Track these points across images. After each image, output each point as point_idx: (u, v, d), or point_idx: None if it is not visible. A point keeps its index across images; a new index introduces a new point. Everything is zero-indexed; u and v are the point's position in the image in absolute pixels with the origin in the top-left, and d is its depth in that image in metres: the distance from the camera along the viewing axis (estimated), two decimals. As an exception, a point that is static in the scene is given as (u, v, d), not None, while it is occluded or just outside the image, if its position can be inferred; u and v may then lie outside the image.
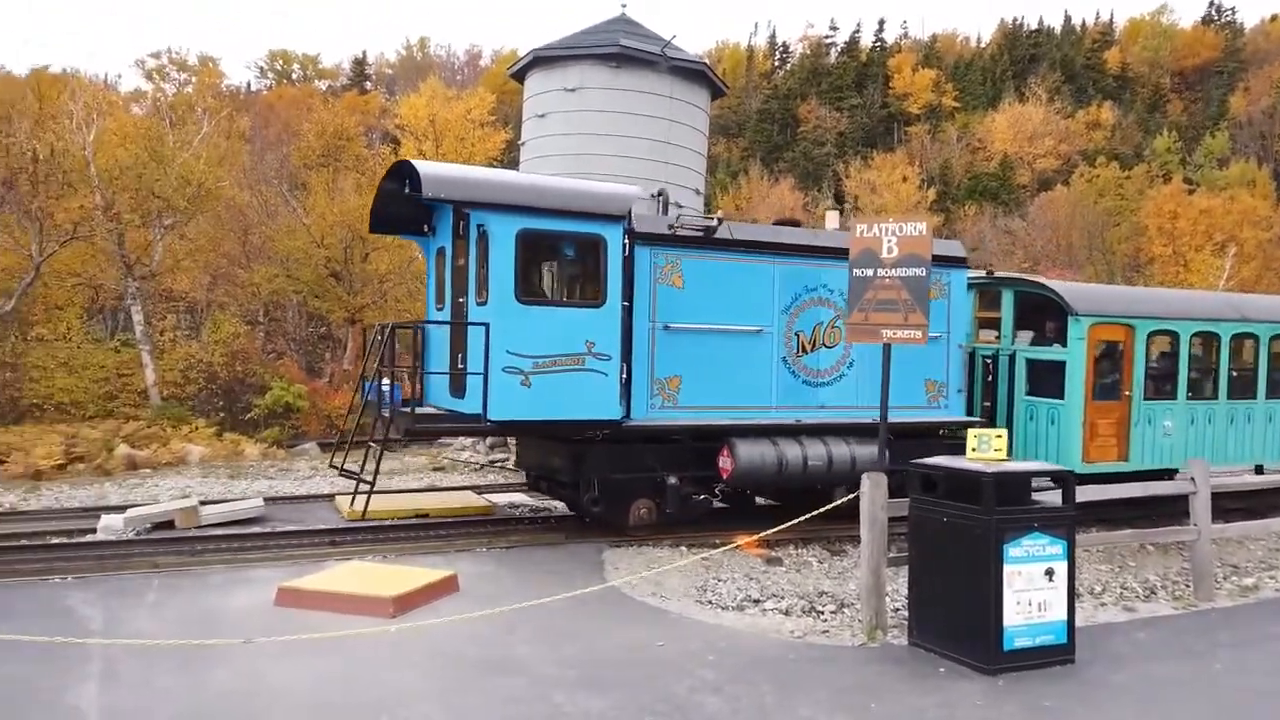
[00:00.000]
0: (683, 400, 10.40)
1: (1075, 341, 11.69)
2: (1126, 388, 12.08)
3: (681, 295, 10.37)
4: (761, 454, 10.38)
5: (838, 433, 10.97)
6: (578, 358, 9.63)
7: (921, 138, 66.69)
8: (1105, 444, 12.00)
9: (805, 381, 11.13)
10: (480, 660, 6.39)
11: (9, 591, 7.88)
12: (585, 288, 10.27)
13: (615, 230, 9.85)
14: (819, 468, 10.66)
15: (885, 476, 7.39)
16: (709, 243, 10.59)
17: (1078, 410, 11.73)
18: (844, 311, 11.29)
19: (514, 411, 9.46)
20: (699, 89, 20.73)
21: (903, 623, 7.30)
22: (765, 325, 10.85)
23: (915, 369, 11.48)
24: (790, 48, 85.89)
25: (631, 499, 10.35)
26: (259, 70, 69.77)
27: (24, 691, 5.68)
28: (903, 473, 11.13)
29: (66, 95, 23.68)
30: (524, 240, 9.52)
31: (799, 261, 11.08)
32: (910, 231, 8.10)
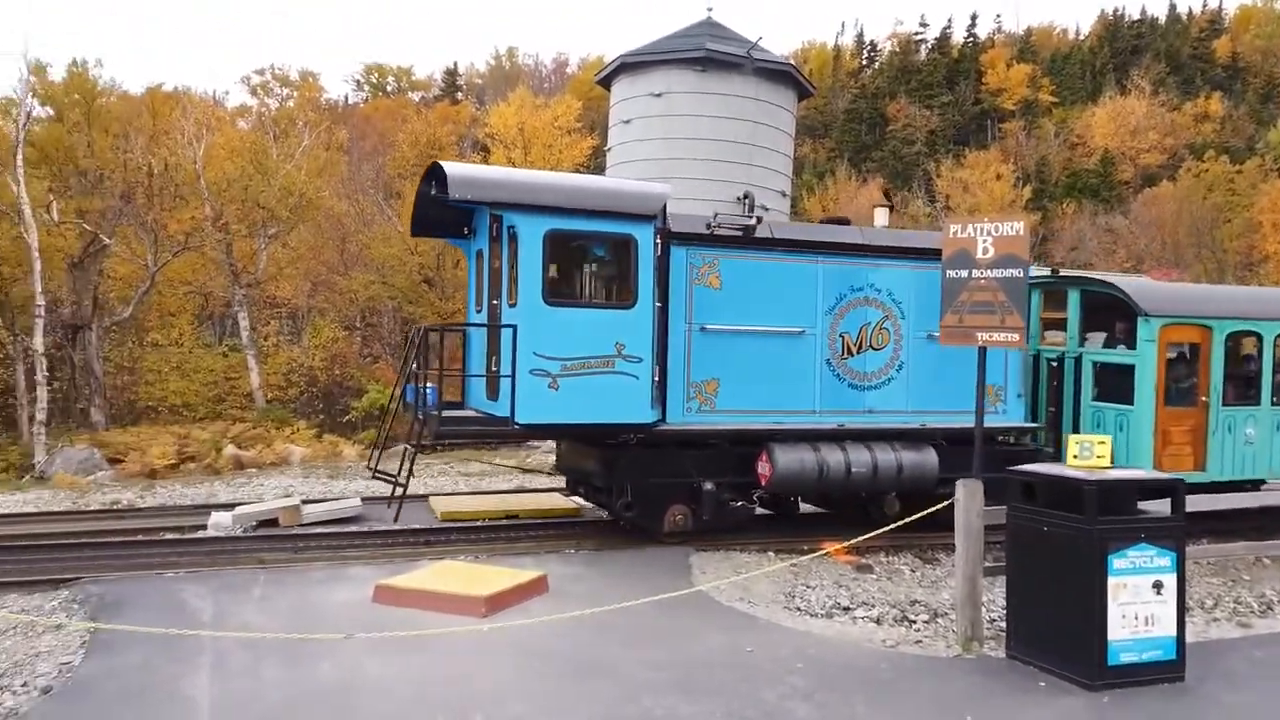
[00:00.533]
0: (720, 404, 10.17)
1: (1145, 344, 11.00)
2: (1203, 393, 11.33)
3: (719, 296, 10.16)
4: (801, 460, 10.09)
5: (884, 438, 10.60)
6: (608, 360, 9.44)
7: (1016, 134, 64.66)
8: (1179, 453, 11.26)
9: (851, 385, 10.76)
10: (570, 661, 6.47)
11: (129, 584, 8.32)
12: (616, 289, 10.03)
13: (646, 230, 9.62)
14: (863, 475, 10.31)
15: (980, 484, 7.20)
16: (748, 242, 10.35)
17: (1148, 417, 11.04)
18: (893, 312, 10.99)
19: (542, 414, 9.30)
20: (785, 90, 20.57)
21: (1000, 634, 7.11)
22: (808, 327, 10.54)
23: (970, 371, 11.05)
24: (878, 46, 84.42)
25: (666, 505, 10.13)
26: (355, 83, 72.08)
27: (144, 679, 6.00)
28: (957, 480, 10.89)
29: (179, 112, 24.90)
30: (552, 241, 9.39)
31: (844, 261, 10.73)
32: (1006, 231, 7.86)
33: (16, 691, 5.90)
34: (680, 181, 19.24)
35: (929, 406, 10.94)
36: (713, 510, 10.15)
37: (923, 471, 10.56)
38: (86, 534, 10.68)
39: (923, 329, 10.91)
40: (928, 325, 10.78)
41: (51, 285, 21.64)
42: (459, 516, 11.52)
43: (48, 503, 14.34)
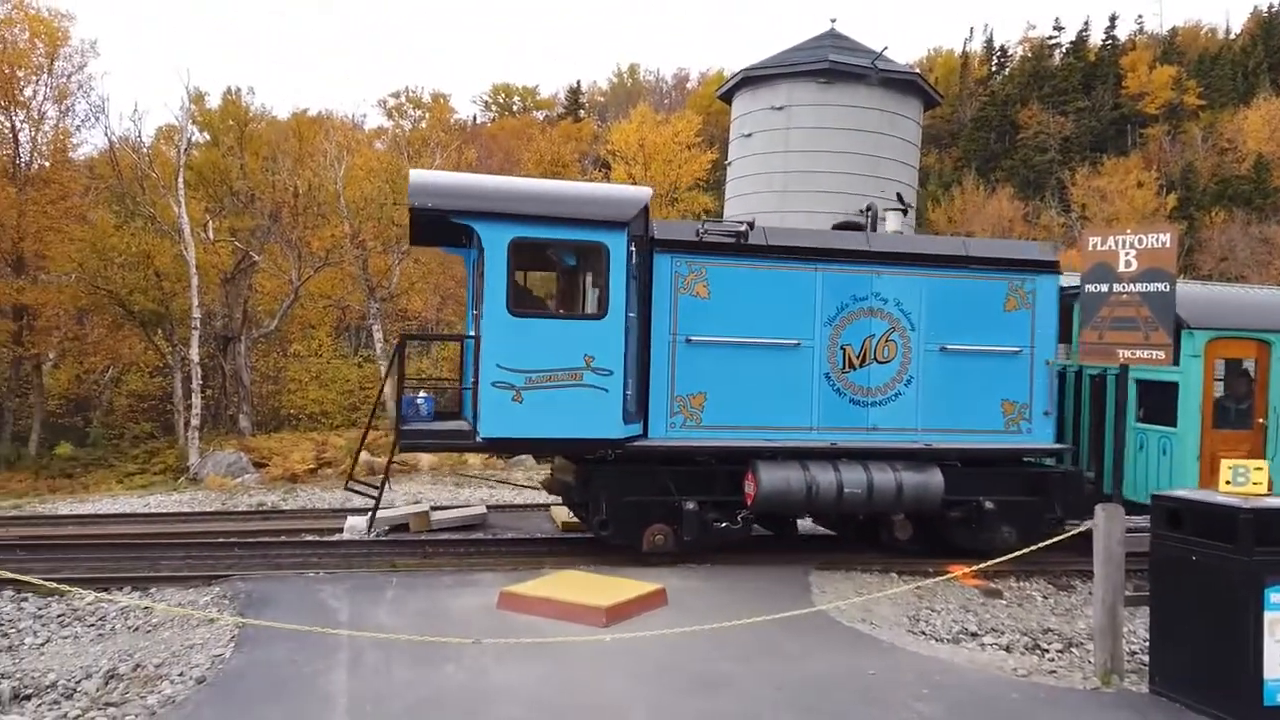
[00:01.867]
0: (707, 419, 9.76)
1: (1189, 359, 10.05)
2: (1260, 414, 10.29)
3: (707, 306, 9.73)
4: (787, 479, 9.59)
5: (884, 457, 10.01)
6: (575, 373, 9.07)
7: (1159, 139, 61.26)
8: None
9: (853, 400, 10.17)
10: (689, 674, 6.48)
11: (274, 582, 8.82)
12: (585, 299, 9.76)
13: (618, 237, 9.19)
14: (857, 495, 9.73)
15: (1120, 509, 6.86)
16: (740, 249, 9.89)
17: (1192, 440, 10.08)
18: (901, 323, 10.25)
19: (505, 428, 9.00)
20: (910, 100, 20.17)
21: (1141, 667, 6.74)
22: (805, 338, 10.02)
23: (989, 388, 10.40)
24: (1009, 51, 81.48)
25: (646, 524, 9.72)
26: (483, 104, 74.42)
27: (287, 674, 6.34)
28: (973, 503, 10.24)
29: (322, 136, 26.34)
30: (518, 249, 9.08)
31: (847, 268, 10.15)
32: (1152, 243, 7.49)
33: (174, 680, 6.34)
34: (802, 195, 19.13)
35: (942, 424, 10.34)
36: (695, 531, 9.72)
37: (926, 493, 9.91)
38: (235, 533, 11.37)
39: (935, 341, 10.33)
40: (941, 337, 10.31)
41: (206, 299, 23.21)
42: (579, 527, 11.71)
43: (200, 503, 15.36)
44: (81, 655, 7.08)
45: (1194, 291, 12.55)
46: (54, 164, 28.80)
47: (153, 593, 8.65)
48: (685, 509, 9.70)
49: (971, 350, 10.36)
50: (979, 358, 10.36)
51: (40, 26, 28.45)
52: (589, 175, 40.68)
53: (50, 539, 11.00)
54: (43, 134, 28.75)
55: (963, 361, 10.32)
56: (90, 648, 7.32)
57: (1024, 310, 10.52)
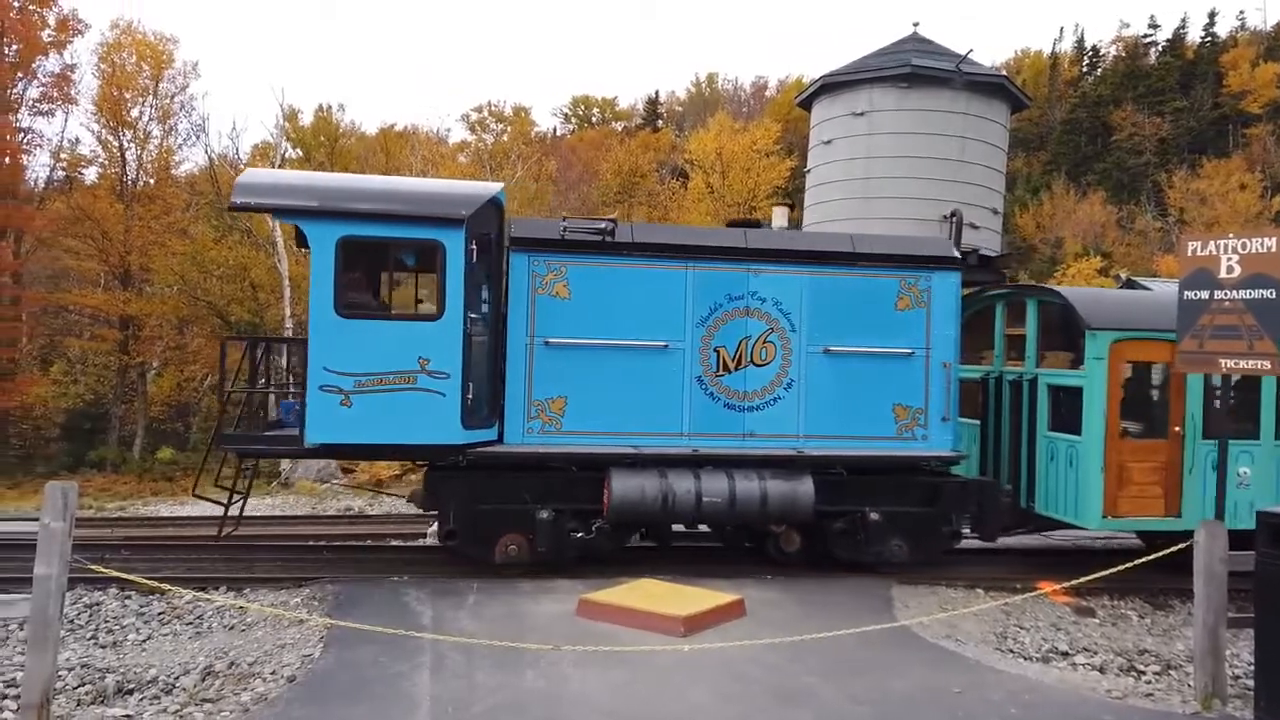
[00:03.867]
0: (568, 424, 9.42)
1: (1093, 362, 9.44)
2: (1176, 422, 9.57)
3: (567, 307, 9.41)
4: (641, 487, 9.20)
5: (762, 465, 9.54)
6: (408, 376, 8.72)
7: (1263, 139, 58.44)
8: (1144, 493, 9.54)
9: (727, 405, 9.73)
10: (769, 687, 6.42)
11: (361, 585, 9.06)
12: (420, 299, 9.29)
13: (455, 235, 8.81)
14: (717, 505, 9.30)
15: (1222, 525, 6.55)
16: (604, 248, 9.51)
17: (1096, 449, 9.42)
18: (780, 323, 9.82)
19: (333, 434, 8.70)
20: (997, 103, 19.65)
21: (1245, 692, 6.42)
22: (674, 340, 9.61)
23: (880, 392, 9.90)
24: (1101, 51, 78.83)
25: (499, 533, 9.36)
26: (563, 116, 75.37)
27: (372, 674, 6.50)
28: (858, 515, 9.64)
29: (408, 150, 27.04)
30: (346, 248, 8.74)
31: (720, 266, 9.70)
32: (1257, 247, 7.14)
33: (266, 679, 6.56)
34: (884, 201, 18.82)
35: (827, 430, 9.87)
36: (550, 541, 9.31)
37: (793, 504, 9.46)
38: (324, 537, 11.71)
39: (818, 343, 9.87)
40: (825, 338, 9.87)
41: (297, 309, 24.01)
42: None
43: (291, 506, 15.89)
44: (180, 652, 7.38)
45: (1101, 292, 11.74)
46: (158, 181, 30.29)
47: (246, 593, 8.98)
48: (539, 518, 9.28)
49: (859, 352, 9.90)
50: (867, 360, 9.90)
51: (147, 50, 29.99)
52: (666, 185, 40.80)
53: (152, 540, 11.51)
54: (148, 153, 30.26)
55: (849, 364, 9.88)
56: (188, 645, 7.63)
57: (918, 310, 10.00)
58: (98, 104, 30.20)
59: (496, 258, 9.49)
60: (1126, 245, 49.92)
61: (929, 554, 10.07)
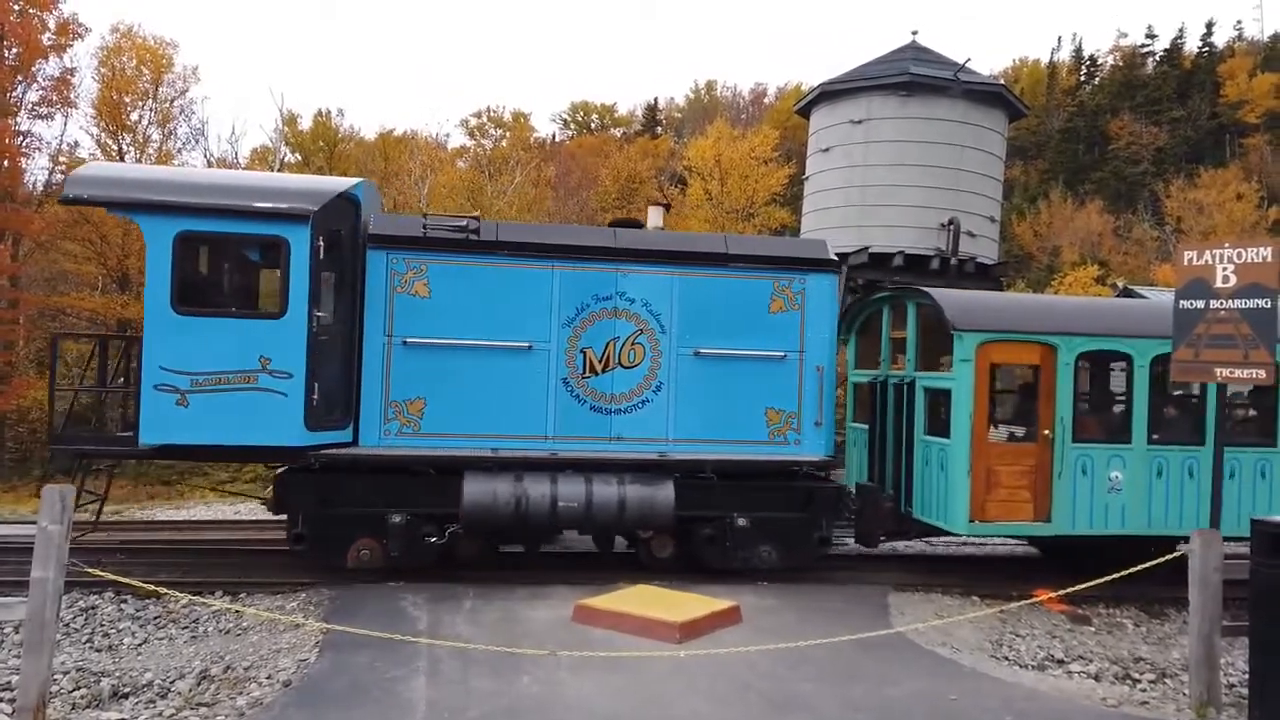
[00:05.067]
0: (427, 426, 9.26)
1: (960, 364, 9.33)
2: (1046, 425, 9.46)
3: (427, 306, 9.25)
4: (494, 492, 9.04)
5: (619, 469, 9.35)
6: (249, 375, 8.51)
7: (1260, 149, 58.67)
8: (1012, 498, 9.44)
9: (594, 408, 9.59)
10: (765, 694, 6.43)
11: (356, 590, 9.04)
12: (263, 296, 9.12)
13: (300, 231, 8.62)
14: (573, 510, 9.14)
15: (1218, 533, 6.57)
16: (466, 246, 9.36)
17: (963, 452, 9.32)
18: (650, 325, 9.65)
19: (169, 434, 8.47)
20: (995, 112, 19.76)
21: (1240, 701, 6.44)
22: (539, 341, 9.47)
23: (752, 395, 9.76)
24: (1099, 60, 79.09)
25: (351, 538, 9.17)
26: (562, 122, 75.50)
27: (368, 679, 6.50)
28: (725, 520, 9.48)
29: (406, 155, 27.11)
30: (185, 243, 8.56)
31: (588, 266, 9.57)
32: (1252, 257, 7.18)
33: (262, 683, 6.55)
34: (882, 209, 18.88)
35: (697, 434, 9.74)
36: (401, 546, 9.12)
37: (652, 509, 9.31)
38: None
39: (689, 345, 9.74)
40: (696, 340, 9.74)
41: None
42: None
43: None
44: (175, 656, 7.38)
45: (970, 294, 11.57)
46: (156, 185, 30.21)
47: (243, 597, 8.97)
48: (392, 522, 9.09)
49: (730, 354, 9.77)
50: (739, 363, 9.77)
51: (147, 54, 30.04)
52: (665, 191, 40.87)
53: (148, 544, 11.48)
54: (147, 157, 30.28)
55: (721, 367, 9.75)
56: (184, 649, 7.62)
57: (792, 312, 9.86)
58: (97, 108, 30.25)
59: (352, 255, 9.30)
60: (1124, 254, 50.06)
61: (799, 560, 9.91)
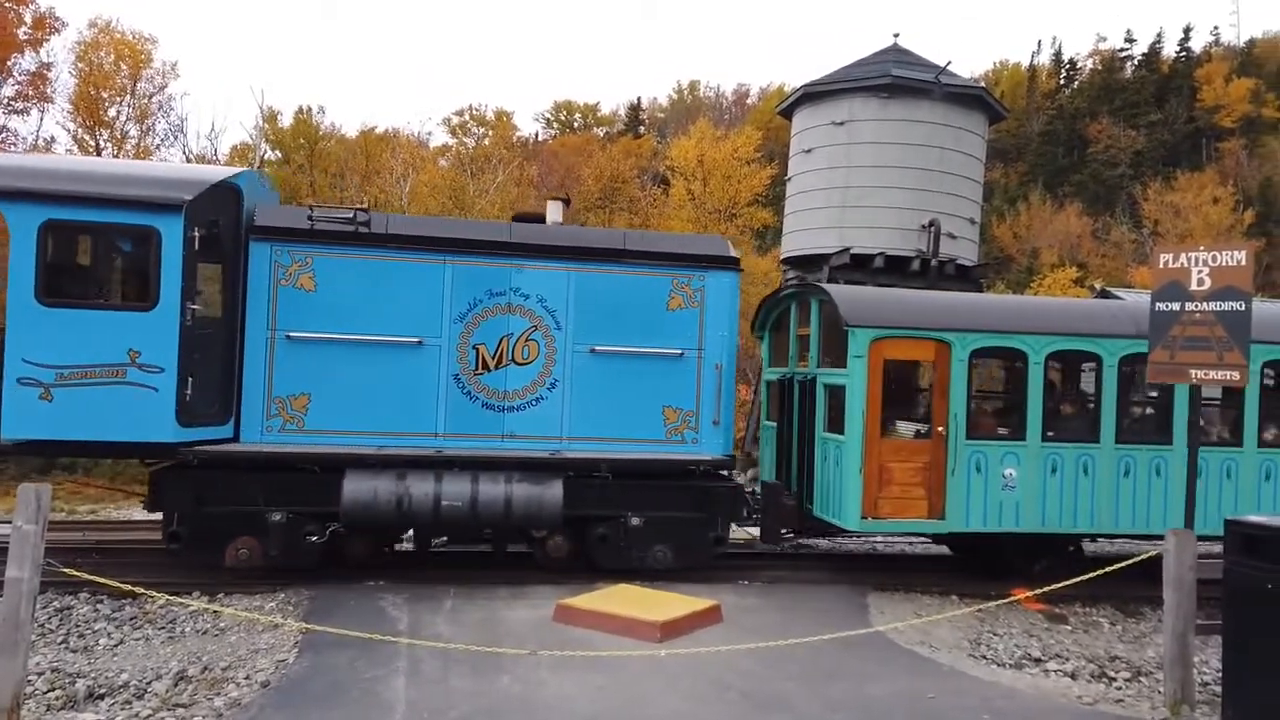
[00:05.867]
0: (311, 423, 9.09)
1: (854, 360, 9.30)
2: (940, 422, 9.45)
3: (313, 299, 9.08)
4: (375, 490, 8.86)
5: (511, 468, 9.22)
6: (117, 369, 8.28)
7: (1236, 154, 59.39)
8: (906, 494, 9.43)
9: (486, 405, 9.47)
10: (745, 693, 6.45)
11: (336, 590, 8.99)
12: (133, 287, 8.85)
13: (172, 221, 8.41)
14: (458, 510, 8.97)
15: (1192, 533, 6.64)
16: (355, 238, 9.20)
17: (856, 449, 9.30)
18: (544, 321, 9.55)
19: (31, 430, 8.23)
20: (975, 114, 19.90)
21: (1213, 698, 6.51)
22: (429, 336, 9.34)
23: (649, 393, 9.68)
24: (1078, 64, 79.78)
25: (229, 537, 8.92)
26: (545, 121, 75.35)
27: (347, 679, 6.47)
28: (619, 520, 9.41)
29: (388, 153, 26.98)
30: (51, 232, 8.35)
31: (481, 261, 9.44)
32: (1227, 260, 7.27)
33: (240, 684, 6.50)
34: (863, 210, 18.98)
35: (592, 432, 9.65)
36: (281, 545, 8.93)
37: (540, 508, 9.16)
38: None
39: (584, 342, 9.65)
40: (592, 338, 9.65)
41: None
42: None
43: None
44: (152, 657, 7.31)
45: (865, 290, 11.58)
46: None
47: (220, 597, 8.89)
48: (271, 521, 8.89)
49: (627, 352, 9.68)
50: (636, 360, 9.68)
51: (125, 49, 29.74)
52: (648, 191, 40.88)
53: (125, 544, 11.37)
54: (125, 153, 29.99)
55: (617, 364, 9.67)
56: (161, 649, 7.55)
57: (691, 309, 9.78)
58: (74, 103, 29.94)
59: (234, 247, 9.12)
60: (1102, 256, 50.55)
61: (695, 560, 9.77)
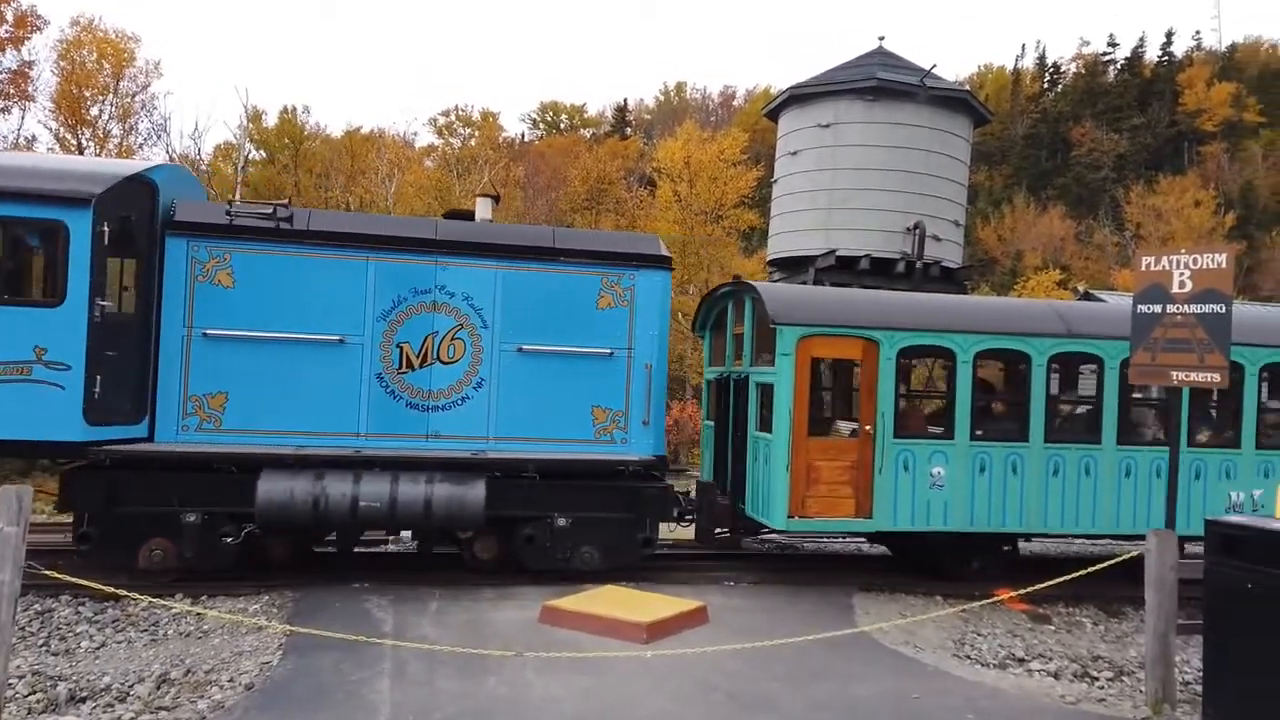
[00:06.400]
0: (229, 422, 8.96)
1: (781, 358, 9.27)
2: (867, 421, 9.47)
3: (231, 296, 8.96)
4: (291, 490, 8.72)
5: (434, 468, 9.11)
6: (22, 366, 8.17)
7: (1218, 158, 60.00)
8: (834, 493, 9.40)
9: (410, 404, 9.36)
10: (731, 694, 6.46)
11: (321, 592, 8.96)
12: (40, 283, 8.71)
13: (81, 216, 8.31)
14: (375, 510, 8.83)
15: (1174, 534, 6.71)
16: (276, 234, 9.08)
17: (783, 447, 9.26)
18: (471, 320, 9.45)
19: None
20: (960, 117, 20.01)
21: (1194, 698, 6.57)
22: (351, 334, 9.22)
23: (578, 393, 9.61)
24: (1062, 68, 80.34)
25: (142, 538, 8.76)
26: (531, 122, 75.27)
27: (332, 682, 6.44)
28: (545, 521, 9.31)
29: (374, 154, 26.89)
30: None
31: (406, 258, 9.34)
32: (1208, 263, 7.33)
33: (224, 686, 6.46)
34: (848, 212, 19.05)
35: (520, 432, 9.55)
36: (197, 546, 8.80)
37: (461, 508, 9.00)
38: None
39: (512, 341, 9.56)
40: (519, 336, 9.57)
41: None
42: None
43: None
44: (135, 660, 7.25)
45: (793, 288, 11.47)
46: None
47: (204, 599, 8.83)
48: (185, 522, 8.75)
49: (555, 351, 9.60)
50: (565, 360, 9.61)
51: (107, 48, 29.52)
52: (634, 192, 40.90)
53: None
54: (107, 151, 29.76)
55: (545, 363, 9.59)
56: (143, 652, 7.50)
57: (620, 308, 9.69)
58: (56, 101, 29.67)
59: (149, 243, 9.00)
60: (1085, 259, 50.92)
61: (623, 561, 9.68)
